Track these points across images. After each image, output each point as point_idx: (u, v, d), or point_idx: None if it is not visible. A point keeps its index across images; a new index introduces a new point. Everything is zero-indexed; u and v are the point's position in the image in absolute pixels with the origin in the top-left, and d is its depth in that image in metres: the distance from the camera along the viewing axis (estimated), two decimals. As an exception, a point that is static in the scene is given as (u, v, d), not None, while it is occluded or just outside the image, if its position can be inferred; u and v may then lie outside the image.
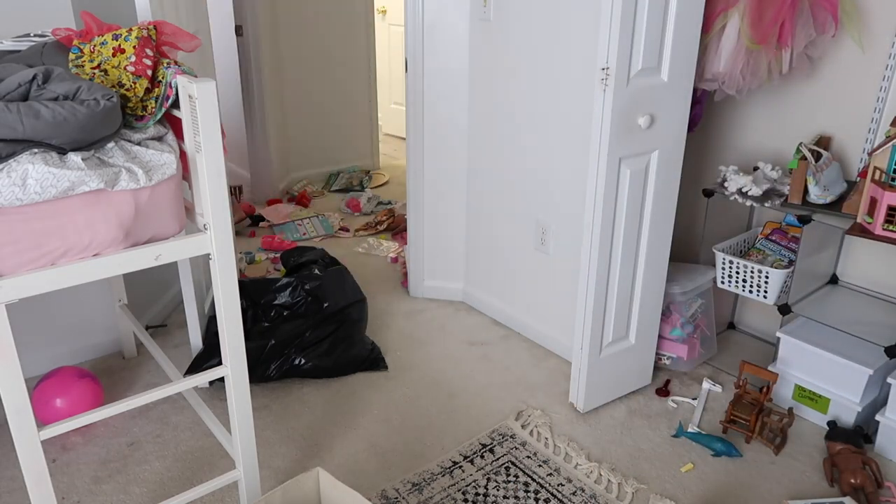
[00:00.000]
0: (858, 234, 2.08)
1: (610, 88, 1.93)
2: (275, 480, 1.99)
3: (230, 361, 1.66)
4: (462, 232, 2.97)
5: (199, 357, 2.38)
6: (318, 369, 2.42)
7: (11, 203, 1.27)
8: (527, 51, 2.47)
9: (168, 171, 1.45)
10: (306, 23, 4.24)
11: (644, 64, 1.96)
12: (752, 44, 2.19)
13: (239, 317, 1.63)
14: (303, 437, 2.18)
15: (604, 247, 2.11)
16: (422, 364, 2.58)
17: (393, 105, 5.49)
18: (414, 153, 2.88)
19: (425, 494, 1.95)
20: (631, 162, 2.07)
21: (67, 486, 1.96)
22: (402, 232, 3.75)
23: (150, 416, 2.25)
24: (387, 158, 5.14)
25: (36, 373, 2.29)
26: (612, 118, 1.96)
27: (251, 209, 3.96)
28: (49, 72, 1.41)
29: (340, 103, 4.58)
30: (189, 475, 2.01)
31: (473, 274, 2.99)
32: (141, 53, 1.52)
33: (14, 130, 1.27)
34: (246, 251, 3.50)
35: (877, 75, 2.27)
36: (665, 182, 2.19)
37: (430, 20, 2.67)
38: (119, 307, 2.42)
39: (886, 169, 2.06)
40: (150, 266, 1.49)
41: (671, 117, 2.11)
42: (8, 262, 1.31)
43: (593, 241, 2.10)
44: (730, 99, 2.61)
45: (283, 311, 2.46)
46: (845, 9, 2.24)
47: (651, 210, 2.18)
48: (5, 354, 1.34)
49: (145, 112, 1.51)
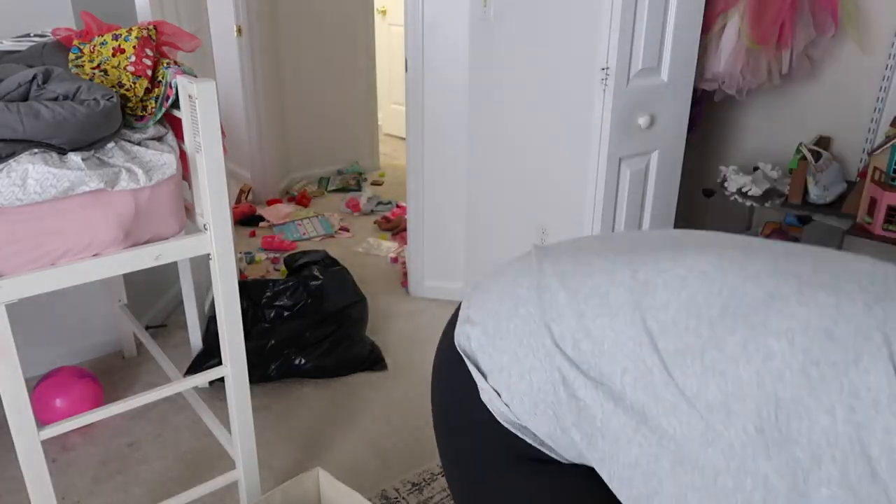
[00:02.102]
0: (858, 235, 2.08)
1: (610, 88, 1.93)
2: (275, 480, 1.99)
3: (230, 361, 1.65)
4: (462, 232, 2.97)
5: (199, 357, 2.38)
6: (318, 369, 2.42)
7: (11, 203, 1.27)
8: (527, 51, 2.47)
9: (168, 171, 1.45)
10: (306, 23, 4.24)
11: (644, 64, 1.97)
12: (752, 44, 2.19)
13: (239, 317, 1.63)
14: (303, 437, 2.18)
15: (604, 247, 2.11)
16: (422, 364, 2.58)
17: (393, 105, 5.48)
18: (414, 153, 2.88)
19: (425, 494, 1.95)
20: (631, 162, 2.07)
21: (67, 486, 1.96)
22: (402, 232, 3.75)
23: (150, 416, 2.25)
24: (387, 158, 5.14)
25: (36, 373, 2.29)
26: (612, 118, 1.96)
27: (251, 209, 3.96)
28: (49, 72, 1.41)
29: (340, 103, 4.57)
30: (189, 475, 2.01)
31: (473, 274, 2.99)
32: (141, 53, 1.52)
33: (14, 130, 1.27)
34: (246, 251, 3.50)
35: (877, 75, 2.27)
36: (665, 182, 2.19)
37: (430, 20, 2.67)
38: (119, 307, 2.42)
39: (886, 169, 2.06)
40: (150, 266, 1.48)
41: (671, 117, 2.11)
42: (8, 262, 1.31)
43: (593, 241, 2.10)
44: (730, 99, 2.61)
45: (283, 312, 2.46)
46: (845, 9, 2.25)
47: (651, 210, 2.18)
48: (5, 354, 1.34)
49: (145, 112, 1.51)
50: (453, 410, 0.95)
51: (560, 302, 0.83)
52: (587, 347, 0.79)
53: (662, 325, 0.74)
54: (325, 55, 4.39)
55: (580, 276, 0.84)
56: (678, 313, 0.74)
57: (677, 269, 0.79)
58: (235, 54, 3.84)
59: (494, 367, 0.86)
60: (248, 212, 3.93)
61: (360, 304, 2.65)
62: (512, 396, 0.83)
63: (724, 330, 0.71)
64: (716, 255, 0.79)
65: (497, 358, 0.86)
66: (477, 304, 0.92)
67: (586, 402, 0.78)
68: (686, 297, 0.75)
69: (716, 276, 0.76)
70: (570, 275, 0.86)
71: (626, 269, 0.82)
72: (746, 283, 0.74)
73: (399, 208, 4.07)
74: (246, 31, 3.78)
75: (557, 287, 0.85)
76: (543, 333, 0.82)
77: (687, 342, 0.72)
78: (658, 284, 0.78)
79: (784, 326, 0.68)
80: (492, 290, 0.92)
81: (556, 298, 0.83)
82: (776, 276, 0.74)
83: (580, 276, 0.84)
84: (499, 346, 0.86)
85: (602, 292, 0.81)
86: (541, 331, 0.83)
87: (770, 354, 0.67)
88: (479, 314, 0.90)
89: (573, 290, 0.83)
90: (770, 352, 0.68)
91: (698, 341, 0.72)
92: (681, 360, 0.72)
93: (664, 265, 0.80)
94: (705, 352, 0.71)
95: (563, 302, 0.83)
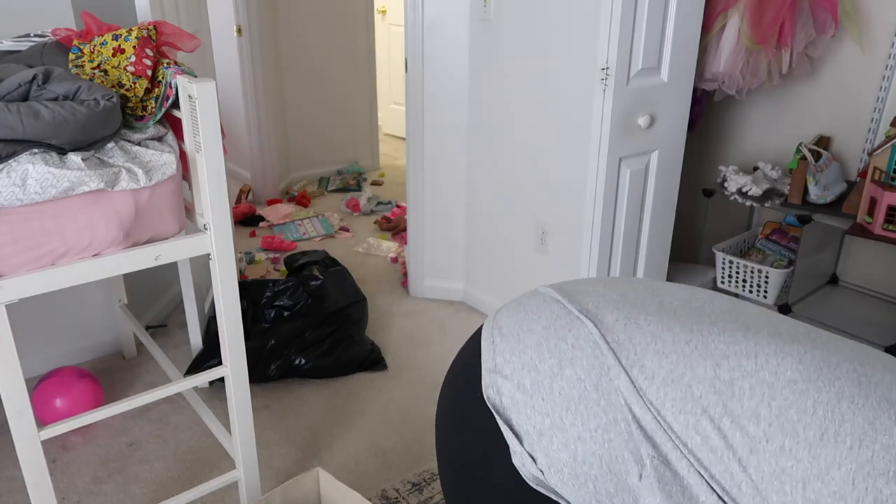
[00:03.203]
0: (858, 234, 2.08)
1: (610, 88, 1.93)
2: (275, 480, 1.99)
3: (230, 361, 1.65)
4: (462, 232, 2.97)
5: (199, 357, 2.38)
6: (318, 369, 2.42)
7: (11, 203, 1.27)
8: (527, 51, 2.47)
9: (168, 171, 1.45)
10: (306, 23, 4.24)
11: (644, 64, 1.97)
12: (752, 44, 2.19)
13: (239, 317, 1.63)
14: (303, 437, 2.18)
15: (604, 247, 2.11)
16: (422, 364, 2.58)
17: (393, 105, 5.49)
18: (414, 153, 2.88)
19: (425, 494, 1.95)
20: (631, 162, 2.07)
21: (67, 486, 1.96)
22: (402, 232, 3.75)
23: (150, 416, 2.25)
24: (387, 158, 5.14)
25: (36, 373, 2.29)
26: (612, 118, 1.96)
27: (251, 209, 3.96)
28: (49, 72, 1.41)
29: (340, 103, 4.57)
30: (189, 475, 2.01)
31: (473, 274, 2.99)
32: (141, 53, 1.52)
33: (14, 130, 1.27)
34: (246, 251, 3.50)
35: (877, 75, 2.27)
36: (665, 182, 2.19)
37: (430, 20, 2.67)
38: (119, 307, 2.42)
39: (886, 169, 2.06)
40: (150, 266, 1.49)
41: (671, 117, 2.11)
42: (8, 262, 1.31)
43: (593, 241, 2.10)
44: (730, 99, 2.61)
45: (283, 312, 2.46)
46: (845, 9, 2.25)
47: (651, 210, 2.18)
48: (5, 354, 1.34)
49: (145, 112, 1.51)
50: (470, 465, 0.88)
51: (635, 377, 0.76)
52: (661, 439, 0.73)
53: (753, 441, 0.69)
54: (325, 55, 4.39)
55: (651, 355, 0.77)
56: (770, 428, 0.69)
57: (762, 373, 0.73)
58: (235, 54, 3.84)
59: (533, 429, 0.79)
60: (248, 212, 3.93)
61: (360, 304, 2.65)
62: (550, 464, 0.77)
63: (827, 460, 0.66)
64: (797, 359, 0.74)
65: (537, 421, 0.79)
66: (508, 352, 0.84)
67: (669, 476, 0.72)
68: (777, 409, 0.70)
69: (806, 387, 0.71)
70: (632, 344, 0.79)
71: (705, 361, 0.75)
72: (842, 404, 0.69)
73: (399, 208, 4.07)
74: (246, 31, 3.78)
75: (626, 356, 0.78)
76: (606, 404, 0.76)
77: (783, 465, 0.67)
78: (745, 389, 0.72)
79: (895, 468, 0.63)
80: (522, 340, 0.84)
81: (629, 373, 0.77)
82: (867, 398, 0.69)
83: (651, 355, 0.77)
84: (539, 407, 0.79)
85: (684, 383, 0.74)
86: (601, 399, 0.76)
87: (880, 498, 0.63)
88: (513, 367, 0.82)
89: (647, 371, 0.76)
90: (880, 496, 0.63)
91: (798, 467, 0.67)
92: (778, 485, 0.67)
93: (746, 365, 0.74)
94: (808, 482, 0.66)
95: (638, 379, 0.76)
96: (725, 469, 0.70)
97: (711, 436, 0.71)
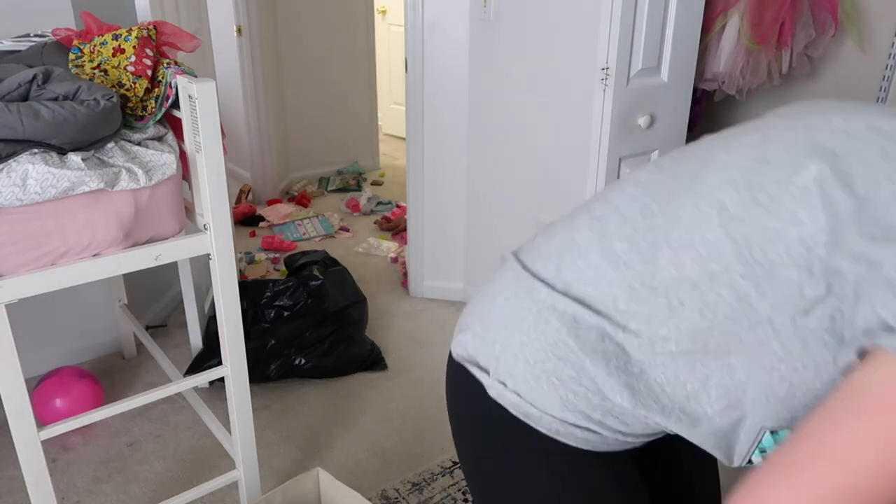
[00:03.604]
0: (858, 234, 2.08)
1: (610, 88, 1.93)
2: (275, 480, 1.99)
3: (230, 361, 1.66)
4: (462, 232, 2.97)
5: (199, 357, 2.38)
6: (318, 369, 2.42)
7: (11, 203, 1.27)
8: (527, 51, 2.47)
9: (168, 171, 1.45)
10: (306, 23, 4.24)
11: (644, 64, 1.97)
12: (752, 44, 2.19)
13: (239, 317, 1.63)
14: (303, 437, 2.18)
15: (604, 247, 2.11)
16: (422, 364, 2.58)
17: (393, 105, 5.48)
18: (414, 153, 2.88)
19: (425, 494, 1.95)
20: (631, 162, 2.07)
21: (67, 486, 1.96)
22: (402, 232, 3.75)
23: (150, 416, 2.25)
24: (387, 158, 5.14)
25: (36, 373, 2.29)
26: (612, 118, 1.96)
27: (251, 209, 3.96)
28: (49, 72, 1.41)
29: (340, 103, 4.57)
30: (189, 475, 2.01)
31: (474, 274, 2.99)
32: (141, 53, 1.52)
33: (14, 130, 1.27)
34: (246, 251, 3.50)
35: (877, 75, 2.27)
36: (665, 182, 2.19)
37: (430, 20, 2.67)
38: (119, 307, 2.42)
39: (886, 169, 2.06)
40: (150, 266, 1.49)
41: (671, 117, 2.11)
42: (8, 262, 1.31)
43: (593, 241, 2.10)
44: (730, 99, 2.61)
45: (283, 312, 2.46)
46: (845, 9, 2.25)
47: (651, 210, 2.19)
48: (5, 355, 1.34)
49: (145, 112, 1.51)
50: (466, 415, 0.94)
51: (537, 269, 0.86)
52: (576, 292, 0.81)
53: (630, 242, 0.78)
54: (325, 55, 4.39)
55: (547, 243, 0.89)
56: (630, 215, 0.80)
57: (622, 189, 0.84)
58: (235, 54, 3.84)
59: (491, 359, 0.86)
60: (248, 212, 3.93)
61: (360, 304, 2.65)
62: (515, 382, 0.84)
63: (674, 208, 0.76)
64: (654, 164, 0.86)
65: (490, 350, 0.86)
66: (464, 315, 0.95)
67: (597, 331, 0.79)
68: (633, 203, 0.81)
69: (654, 177, 0.82)
70: (537, 247, 0.90)
71: (582, 214, 0.87)
72: (681, 165, 0.80)
73: (399, 208, 4.07)
74: (246, 31, 3.78)
75: (531, 261, 0.88)
76: (528, 304, 0.84)
77: (652, 240, 0.76)
78: (611, 211, 0.82)
79: (723, 177, 0.73)
80: (474, 299, 0.95)
81: (533, 269, 0.86)
82: (704, 150, 0.80)
83: (547, 243, 0.89)
84: (488, 338, 0.87)
85: (568, 240, 0.85)
86: (524, 304, 0.84)
87: (722, 205, 0.71)
88: (467, 320, 0.93)
89: (545, 256, 0.87)
90: (721, 203, 0.71)
91: (659, 232, 0.76)
92: (654, 256, 0.76)
93: (611, 195, 0.85)
94: (669, 235, 0.75)
95: (539, 268, 0.86)
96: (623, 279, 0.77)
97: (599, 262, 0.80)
